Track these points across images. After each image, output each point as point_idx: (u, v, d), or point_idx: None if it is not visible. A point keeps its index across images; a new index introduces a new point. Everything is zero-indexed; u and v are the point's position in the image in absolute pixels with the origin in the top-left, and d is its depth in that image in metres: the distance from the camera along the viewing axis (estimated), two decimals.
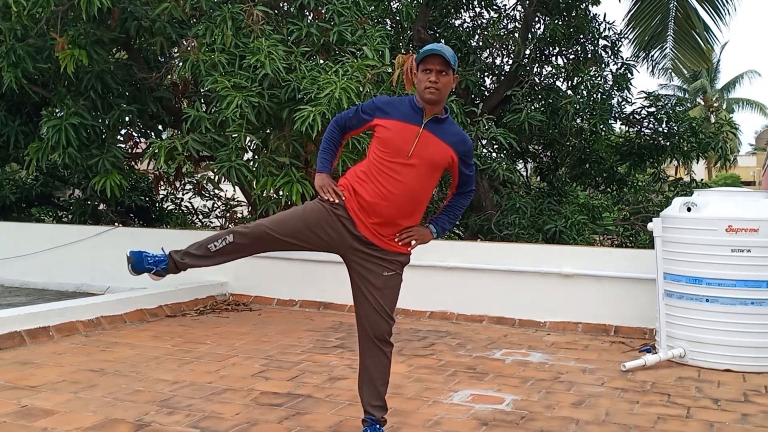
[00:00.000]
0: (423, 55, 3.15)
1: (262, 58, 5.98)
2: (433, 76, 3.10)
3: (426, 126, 3.16)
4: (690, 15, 8.87)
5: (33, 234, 8.76)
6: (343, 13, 6.59)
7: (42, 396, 4.06)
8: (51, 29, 6.77)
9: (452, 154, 3.22)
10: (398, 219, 3.20)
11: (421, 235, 3.29)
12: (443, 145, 3.19)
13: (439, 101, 3.17)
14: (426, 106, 3.17)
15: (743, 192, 5.39)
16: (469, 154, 3.30)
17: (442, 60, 3.11)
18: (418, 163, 3.14)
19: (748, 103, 37.66)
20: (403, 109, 3.21)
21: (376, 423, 3.33)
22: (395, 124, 3.17)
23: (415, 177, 3.14)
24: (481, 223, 8.40)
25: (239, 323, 6.32)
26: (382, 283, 3.22)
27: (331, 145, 3.36)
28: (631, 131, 10.04)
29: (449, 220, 3.42)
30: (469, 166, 3.32)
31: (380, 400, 3.36)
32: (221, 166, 6.28)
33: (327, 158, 3.35)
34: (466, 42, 9.43)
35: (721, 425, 3.75)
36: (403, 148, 3.13)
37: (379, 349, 3.29)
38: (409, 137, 3.14)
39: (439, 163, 3.20)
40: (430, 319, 6.56)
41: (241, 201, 10.83)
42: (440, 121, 3.20)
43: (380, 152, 3.17)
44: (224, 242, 3.22)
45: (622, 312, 6.02)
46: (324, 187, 3.23)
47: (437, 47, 3.14)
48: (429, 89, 3.11)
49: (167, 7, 6.30)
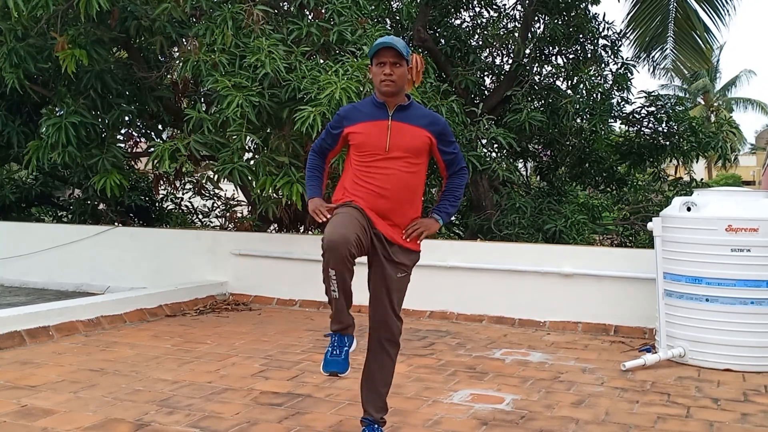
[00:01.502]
0: (375, 49, 3.19)
1: (262, 57, 5.99)
2: (387, 69, 3.16)
3: (393, 117, 3.22)
4: (690, 16, 8.87)
5: (33, 234, 8.76)
6: (342, 12, 6.59)
7: (42, 396, 4.07)
8: (51, 29, 6.77)
9: (427, 134, 3.25)
10: (399, 212, 3.22)
11: (426, 226, 3.30)
12: (416, 129, 3.23)
13: (397, 92, 3.22)
14: (387, 99, 3.23)
15: (743, 192, 5.39)
16: (445, 132, 3.32)
17: (394, 52, 3.16)
18: (398, 153, 3.18)
19: (748, 103, 37.64)
20: (367, 109, 3.27)
21: (375, 423, 3.34)
22: (364, 125, 3.22)
23: (400, 167, 3.18)
24: (481, 223, 8.40)
25: (239, 323, 6.32)
26: (395, 285, 3.26)
27: (315, 171, 3.41)
28: (631, 131, 10.04)
29: (450, 204, 3.42)
30: (449, 144, 3.34)
31: (380, 401, 3.36)
32: (224, 168, 6.28)
33: (314, 184, 3.39)
34: (466, 42, 9.43)
35: (721, 425, 3.75)
36: (379, 145, 3.18)
37: (385, 350, 3.31)
38: (381, 133, 3.19)
39: (418, 147, 3.23)
40: (430, 319, 6.56)
41: (240, 200, 10.83)
42: (405, 108, 3.25)
43: (359, 156, 3.22)
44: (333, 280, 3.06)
45: (622, 312, 6.02)
46: (317, 209, 3.22)
47: (388, 40, 3.19)
48: (384, 82, 3.17)
49: (167, 8, 6.30)
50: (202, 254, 7.69)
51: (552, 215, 8.13)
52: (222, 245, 7.64)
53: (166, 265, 7.77)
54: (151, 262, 7.87)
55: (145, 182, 10.90)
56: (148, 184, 10.83)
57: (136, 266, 7.91)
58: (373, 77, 3.24)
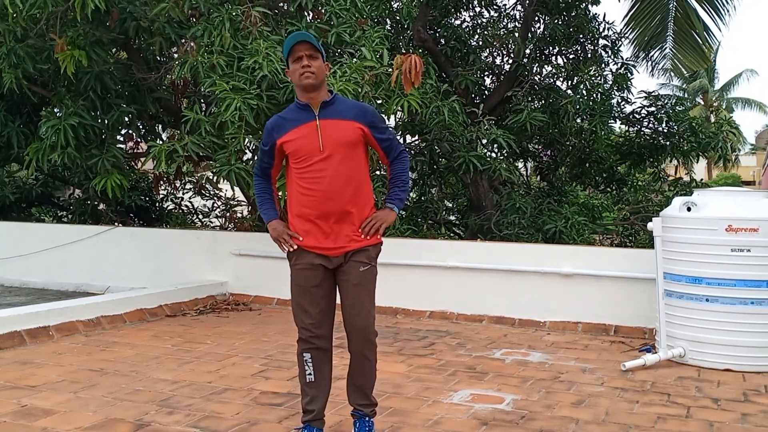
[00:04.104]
0: (288, 46, 3.18)
1: (260, 59, 5.98)
2: (305, 61, 3.14)
3: (320, 116, 3.20)
4: (689, 15, 8.87)
5: (33, 234, 8.76)
6: (341, 14, 6.59)
7: (42, 396, 4.07)
8: (50, 30, 6.77)
9: (358, 125, 3.23)
10: (350, 207, 3.21)
11: (383, 219, 3.28)
12: (346, 122, 3.21)
13: (318, 85, 3.19)
14: (309, 98, 3.19)
15: (743, 192, 5.39)
16: (376, 120, 3.30)
17: (308, 45, 3.16)
18: (333, 150, 3.16)
19: (748, 103, 37.62)
20: (292, 115, 3.25)
21: (365, 416, 3.38)
22: (294, 131, 3.20)
23: (338, 164, 3.16)
24: (481, 223, 8.40)
25: (239, 323, 6.33)
26: (359, 279, 3.24)
27: (264, 193, 3.42)
28: (631, 131, 10.04)
29: (401, 189, 3.39)
30: (383, 131, 3.33)
31: (366, 399, 3.40)
32: (221, 170, 6.28)
33: (267, 207, 3.39)
34: (466, 42, 9.43)
35: (721, 425, 3.75)
36: (313, 147, 3.17)
37: (364, 356, 3.31)
38: (312, 135, 3.17)
39: (352, 140, 3.21)
40: (430, 319, 6.56)
41: (240, 201, 10.84)
42: (330, 104, 3.23)
43: (297, 162, 3.21)
44: (309, 364, 3.25)
45: (622, 312, 6.02)
46: (279, 237, 3.27)
47: (300, 34, 3.20)
48: (304, 74, 3.14)
49: (165, 8, 6.30)
50: (202, 254, 7.69)
51: (552, 215, 8.13)
52: (222, 245, 7.64)
53: (166, 265, 7.77)
54: (151, 262, 7.87)
55: (145, 182, 10.91)
56: (148, 184, 10.84)
57: (136, 266, 7.91)
58: (292, 75, 3.21)
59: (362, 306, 3.25)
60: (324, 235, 3.20)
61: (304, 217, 3.22)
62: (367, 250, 3.26)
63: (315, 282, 3.23)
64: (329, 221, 3.19)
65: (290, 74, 3.23)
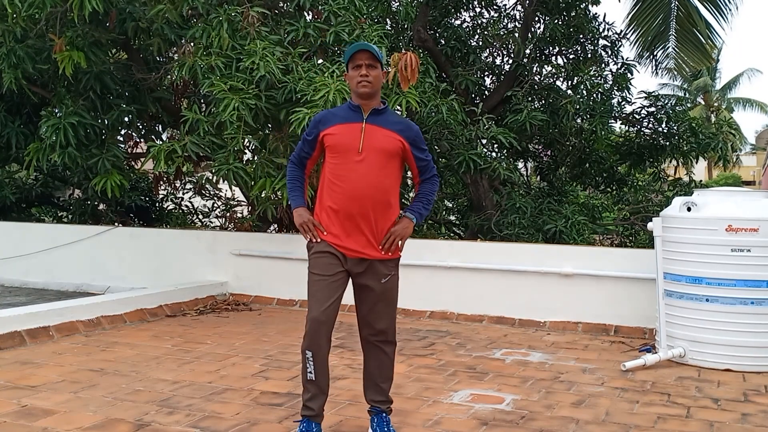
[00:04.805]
0: (350, 53, 3.28)
1: (257, 60, 5.98)
2: (364, 70, 3.24)
3: (368, 120, 3.29)
4: (691, 14, 8.87)
5: (33, 234, 8.76)
6: (339, 13, 6.59)
7: (42, 396, 4.07)
8: (50, 30, 6.77)
9: (400, 139, 3.31)
10: (375, 214, 3.26)
11: (401, 233, 3.33)
12: (389, 132, 3.30)
13: (373, 94, 3.29)
14: (362, 103, 3.30)
15: (743, 192, 5.39)
16: (418, 139, 3.39)
17: (369, 55, 3.25)
18: (370, 154, 3.24)
19: (749, 102, 37.61)
20: (342, 113, 3.35)
21: (382, 412, 3.43)
22: (339, 127, 3.30)
23: (371, 167, 3.24)
24: (481, 223, 8.39)
25: (239, 323, 6.33)
26: (381, 288, 3.32)
27: (296, 181, 3.48)
28: (631, 131, 10.04)
29: (424, 206, 3.47)
30: (422, 151, 3.41)
31: (383, 395, 3.44)
32: (219, 169, 6.28)
33: (296, 194, 3.46)
34: (466, 42, 9.43)
35: (721, 425, 3.75)
36: (352, 145, 3.25)
37: (379, 348, 3.39)
38: (355, 134, 3.26)
39: (390, 150, 3.29)
40: (430, 319, 6.56)
41: (240, 201, 10.84)
42: (380, 113, 3.32)
43: (334, 158, 3.29)
44: (310, 362, 3.27)
45: (622, 312, 6.02)
46: (304, 224, 3.33)
47: (363, 44, 3.31)
48: (361, 83, 3.25)
49: (162, 9, 6.29)
50: (202, 254, 7.69)
51: (552, 215, 8.13)
52: (222, 245, 7.64)
53: (166, 265, 7.77)
54: (151, 262, 7.87)
55: (145, 182, 10.91)
56: (148, 184, 10.83)
57: (136, 266, 7.91)
58: (350, 80, 3.32)
59: (385, 313, 3.35)
60: (345, 234, 3.26)
61: (329, 211, 3.29)
62: (386, 263, 3.33)
63: (332, 271, 3.26)
64: (352, 221, 3.24)
65: (348, 79, 3.34)
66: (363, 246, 3.27)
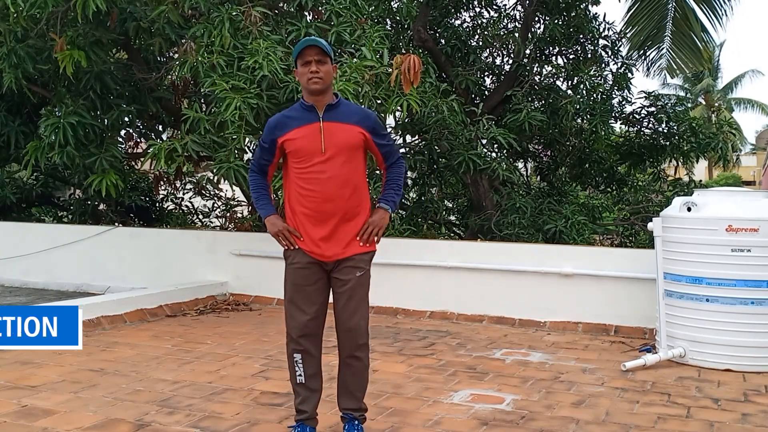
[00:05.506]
0: (298, 49, 3.22)
1: (260, 59, 5.98)
2: (313, 66, 3.18)
3: (324, 118, 3.24)
4: (688, 15, 8.88)
5: (33, 234, 8.76)
6: (341, 13, 6.59)
7: (42, 396, 4.07)
8: (51, 30, 6.77)
9: (361, 130, 3.28)
10: (348, 210, 3.25)
11: (377, 223, 3.31)
12: (348, 126, 3.26)
13: (325, 90, 3.23)
14: (315, 100, 3.24)
15: (743, 192, 5.39)
16: (378, 126, 3.36)
17: (318, 50, 3.19)
18: (335, 153, 3.21)
19: (749, 103, 37.60)
20: (297, 114, 3.28)
21: (355, 419, 3.38)
22: (297, 131, 3.24)
23: (339, 167, 3.21)
24: (481, 223, 8.39)
25: (239, 323, 6.32)
26: (354, 283, 3.28)
27: (261, 190, 3.43)
28: (631, 131, 10.04)
29: (395, 192, 3.44)
30: (383, 137, 3.38)
31: (356, 403, 3.39)
32: (220, 168, 6.28)
33: (264, 202, 3.41)
34: (466, 42, 9.43)
35: (721, 425, 3.75)
36: (315, 148, 3.20)
37: (355, 357, 3.33)
38: (315, 136, 3.21)
39: (353, 144, 3.26)
40: (430, 319, 6.56)
41: (241, 201, 10.84)
42: (335, 107, 3.27)
43: (298, 162, 3.23)
44: (298, 364, 3.27)
45: (622, 312, 6.02)
46: (279, 233, 3.29)
47: (311, 39, 3.25)
48: (312, 79, 3.19)
49: (164, 10, 6.29)
50: (202, 254, 7.69)
51: (552, 215, 8.13)
52: (222, 245, 7.64)
53: (166, 265, 7.77)
54: (151, 262, 7.87)
55: (145, 182, 10.90)
56: (148, 184, 10.83)
57: (136, 266, 7.91)
58: (300, 77, 3.26)
59: (357, 310, 3.29)
60: (322, 240, 3.23)
61: (302, 217, 3.25)
62: (363, 256, 3.30)
63: (311, 281, 3.26)
64: (328, 223, 3.22)
65: (298, 76, 3.27)
66: (341, 247, 3.24)
